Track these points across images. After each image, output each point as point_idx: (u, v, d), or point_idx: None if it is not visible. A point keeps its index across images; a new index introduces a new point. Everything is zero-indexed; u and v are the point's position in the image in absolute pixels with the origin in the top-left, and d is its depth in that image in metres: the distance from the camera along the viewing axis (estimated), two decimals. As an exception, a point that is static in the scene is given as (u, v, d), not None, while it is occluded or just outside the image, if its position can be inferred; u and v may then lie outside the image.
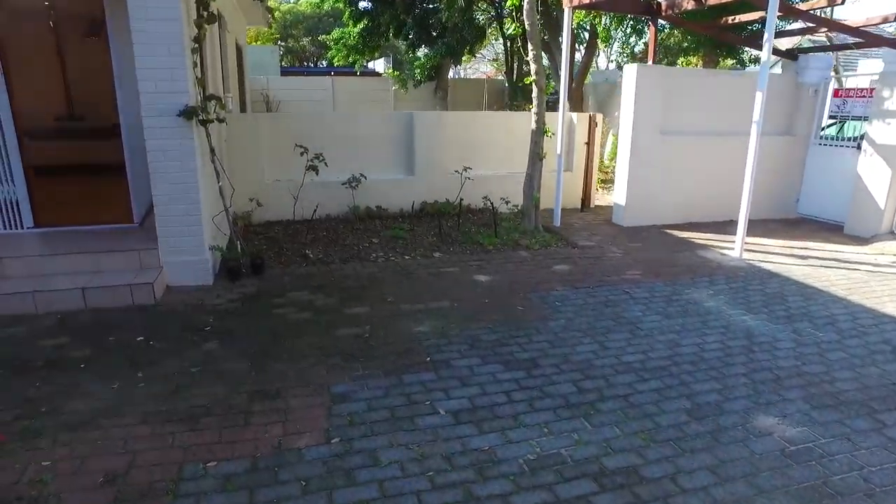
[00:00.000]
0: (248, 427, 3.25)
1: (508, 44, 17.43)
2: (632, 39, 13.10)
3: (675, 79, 8.10)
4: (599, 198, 10.37)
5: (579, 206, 9.43)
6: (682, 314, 5.09)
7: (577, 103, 13.39)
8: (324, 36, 23.95)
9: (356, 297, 5.25)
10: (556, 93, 16.06)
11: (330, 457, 3.02)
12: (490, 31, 17.13)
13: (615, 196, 8.51)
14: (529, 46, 7.25)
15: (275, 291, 5.34)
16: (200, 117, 5.06)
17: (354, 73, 22.14)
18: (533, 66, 7.29)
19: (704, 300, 5.44)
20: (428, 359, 4.12)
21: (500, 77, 30.27)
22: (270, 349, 4.19)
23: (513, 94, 16.83)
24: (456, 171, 8.06)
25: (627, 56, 14.85)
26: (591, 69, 13.32)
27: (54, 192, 6.08)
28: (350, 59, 17.50)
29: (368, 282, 5.67)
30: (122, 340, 4.28)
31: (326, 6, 21.54)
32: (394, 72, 17.38)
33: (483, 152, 8.75)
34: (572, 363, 4.13)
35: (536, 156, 7.54)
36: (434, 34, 16.65)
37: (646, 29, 11.25)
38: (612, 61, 19.95)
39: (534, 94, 7.40)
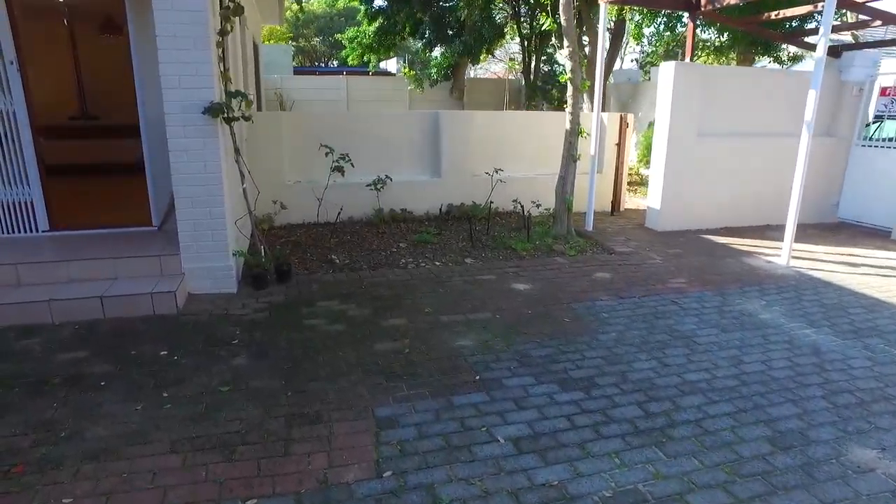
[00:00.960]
0: (288, 457, 2.92)
1: (525, 43, 17.11)
2: (665, 36, 12.73)
3: (714, 77, 7.74)
4: (627, 201, 10.01)
5: (609, 210, 9.08)
6: (739, 327, 4.74)
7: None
8: (338, 35, 23.66)
9: (391, 306, 4.92)
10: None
11: (383, 493, 2.69)
12: (507, 29, 16.80)
13: (649, 200, 8.16)
14: (565, 43, 6.91)
15: (303, 300, 5.02)
16: (226, 115, 4.75)
17: (366, 73, 21.87)
18: (568, 64, 6.95)
19: (759, 312, 5.09)
20: (476, 377, 3.79)
21: (512, 77, 29.96)
22: (305, 365, 3.87)
23: (530, 94, 16.49)
24: (486, 174, 7.73)
25: (652, 55, 14.49)
26: (612, 69, 12.92)
27: (69, 193, 5.80)
28: (365, 58, 17.21)
29: (401, 290, 5.34)
30: (144, 354, 3.97)
31: (340, 4, 21.28)
32: (410, 71, 17.06)
33: (511, 153, 8.43)
34: (632, 382, 3.80)
35: (571, 157, 7.20)
36: (451, 33, 16.34)
37: (679, 26, 10.89)
38: (634, 61, 19.49)
39: (568, 93, 7.07)
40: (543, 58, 17.21)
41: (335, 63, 32.01)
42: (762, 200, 8.23)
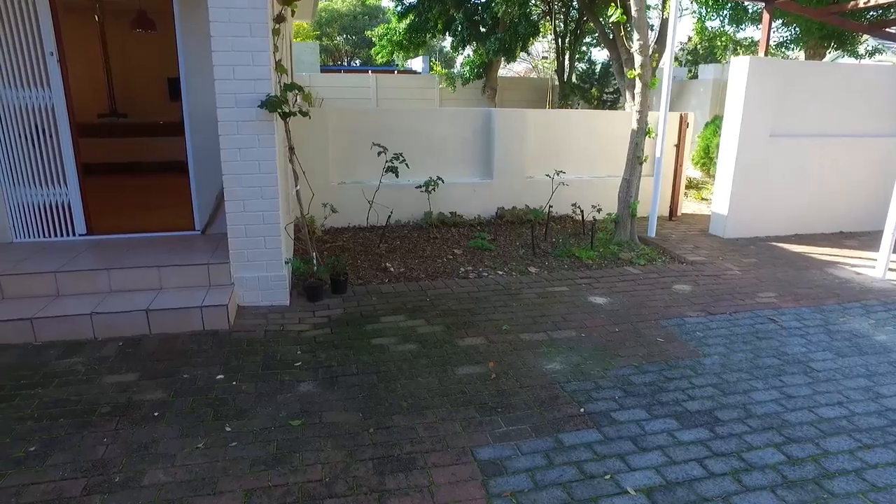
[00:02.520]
0: (387, 515, 2.45)
1: (559, 40, 16.59)
2: (728, 31, 12.11)
3: (793, 73, 7.17)
4: (683, 205, 9.44)
5: (667, 215, 8.52)
6: (856, 351, 4.19)
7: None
8: (368, 32, 23.27)
9: (464, 323, 4.44)
10: (616, 90, 15.19)
11: (509, 566, 2.20)
12: (541, 26, 16.28)
13: (714, 205, 7.60)
14: (635, 36, 6.39)
15: (365, 315, 4.55)
16: (283, 109, 4.29)
17: (392, 72, 21.44)
18: (638, 59, 6.43)
19: (871, 332, 4.54)
20: (581, 410, 3.29)
21: (534, 75, 29.37)
22: (382, 394, 3.39)
23: (564, 94, 15.96)
24: (547, 176, 7.22)
25: (692, 52, 13.85)
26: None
27: (105, 194, 5.38)
28: (394, 55, 16.77)
29: (470, 304, 4.85)
30: (198, 379, 3.51)
31: (370, 1, 20.84)
32: (442, 69, 16.58)
33: (567, 154, 7.92)
34: (759, 418, 3.27)
35: (637, 159, 6.68)
36: (483, 30, 15.84)
37: (745, 17, 10.29)
38: (681, 55, 18.67)
39: (636, 90, 6.55)
40: (577, 55, 16.67)
41: (357, 62, 31.68)
42: (836, 206, 7.65)
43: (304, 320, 4.41)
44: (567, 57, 16.23)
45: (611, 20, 7.04)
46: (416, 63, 24.22)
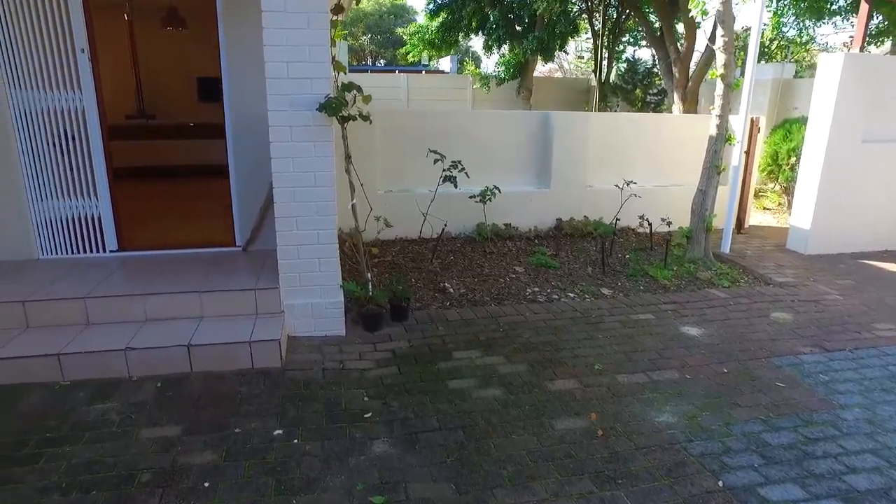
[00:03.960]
0: None
1: (596, 39, 15.93)
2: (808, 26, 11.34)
3: (889, 72, 6.46)
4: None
5: (735, 227, 7.83)
6: None
7: (690, 105, 11.77)
8: (400, 30, 22.77)
9: (548, 360, 3.84)
10: (661, 92, 14.45)
11: None
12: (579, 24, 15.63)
13: (794, 218, 6.91)
14: (719, 32, 5.74)
15: (434, 349, 3.97)
16: (343, 113, 3.73)
17: (419, 72, 20.91)
18: (721, 57, 5.77)
19: None
20: (719, 483, 2.68)
21: (560, 75, 28.66)
22: (475, 458, 2.81)
23: (604, 94, 15.29)
24: (616, 186, 6.60)
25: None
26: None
27: (135, 203, 4.88)
28: (426, 54, 16.23)
29: (549, 334, 4.26)
30: (253, 435, 2.96)
31: (388, 1, 20.33)
32: (476, 69, 16.01)
33: (628, 161, 7.28)
34: (948, 500, 2.63)
35: (714, 168, 6.02)
36: (519, 29, 15.25)
37: (827, 10, 9.53)
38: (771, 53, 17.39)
39: (717, 92, 5.89)
40: (615, 55, 15.99)
41: (382, 62, 31.23)
42: (930, 219, 6.93)
43: (364, 355, 3.85)
44: (605, 56, 15.55)
45: (690, 14, 6.37)
46: (443, 63, 23.70)
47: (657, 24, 12.69)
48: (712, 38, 6.16)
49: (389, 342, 4.07)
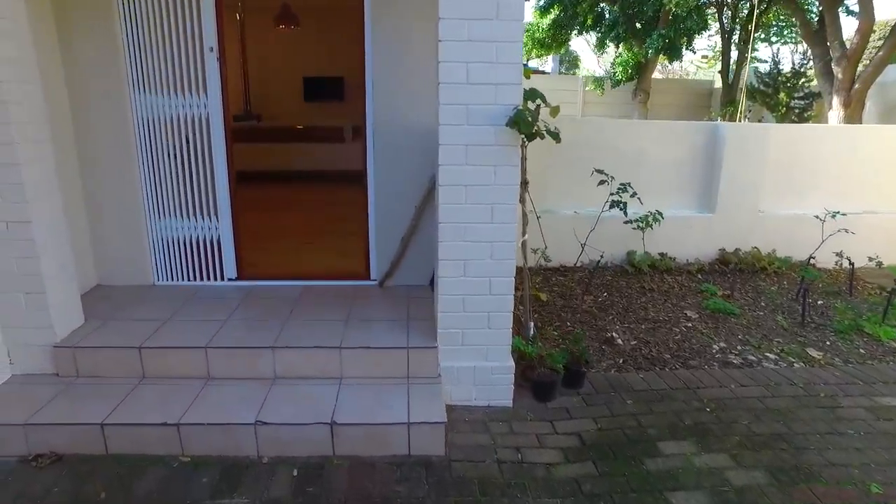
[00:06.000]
0: None
1: (727, 36, 14.42)
2: None
3: None
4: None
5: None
6: None
7: (854, 112, 10.15)
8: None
9: (794, 469, 2.83)
10: (807, 95, 12.75)
11: None
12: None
13: None
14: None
15: (630, 436, 3.05)
16: (534, 129, 2.88)
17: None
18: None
19: None
20: None
21: (659, 75, 26.74)
22: None
23: (731, 98, 13.78)
24: (816, 218, 5.38)
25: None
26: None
27: (248, 215, 4.25)
28: (534, 53, 15.28)
29: (774, 421, 3.24)
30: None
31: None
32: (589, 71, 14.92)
33: (810, 183, 6.05)
34: None
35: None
36: (639, 26, 13.99)
37: None
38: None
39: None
40: (748, 53, 14.39)
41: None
42: None
43: (544, 440, 2.98)
44: (736, 55, 14.03)
45: None
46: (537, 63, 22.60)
47: (814, 15, 11.12)
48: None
49: (569, 419, 3.19)
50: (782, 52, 13.58)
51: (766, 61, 14.12)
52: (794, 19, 12.46)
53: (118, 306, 3.64)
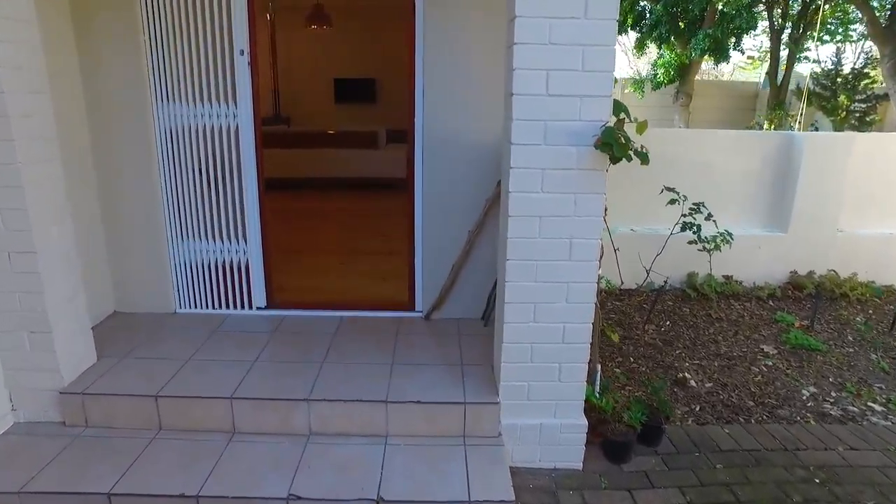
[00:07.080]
0: None
1: (776, 35, 13.70)
2: None
3: None
4: None
5: None
6: None
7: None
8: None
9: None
10: (869, 98, 11.97)
11: None
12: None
13: None
14: None
15: (730, 516, 2.56)
16: (627, 151, 2.40)
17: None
18: None
19: None
20: None
21: (702, 77, 25.82)
22: None
23: (780, 101, 13.08)
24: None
25: None
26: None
27: (276, 228, 3.83)
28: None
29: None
30: None
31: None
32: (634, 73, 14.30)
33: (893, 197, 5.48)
34: None
35: None
36: (682, 25, 13.34)
37: None
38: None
39: None
40: (799, 53, 13.69)
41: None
42: None
43: (628, 522, 2.51)
44: (787, 55, 13.31)
45: None
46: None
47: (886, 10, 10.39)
48: None
49: (650, 488, 2.71)
50: (840, 52, 12.73)
51: (819, 61, 13.36)
52: (859, 14, 11.68)
53: (135, 340, 3.26)
